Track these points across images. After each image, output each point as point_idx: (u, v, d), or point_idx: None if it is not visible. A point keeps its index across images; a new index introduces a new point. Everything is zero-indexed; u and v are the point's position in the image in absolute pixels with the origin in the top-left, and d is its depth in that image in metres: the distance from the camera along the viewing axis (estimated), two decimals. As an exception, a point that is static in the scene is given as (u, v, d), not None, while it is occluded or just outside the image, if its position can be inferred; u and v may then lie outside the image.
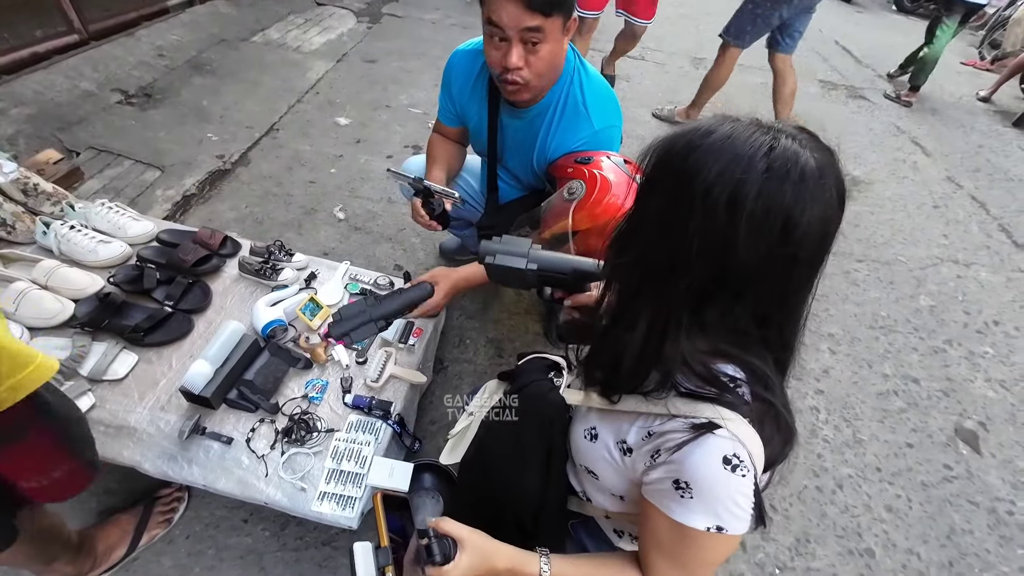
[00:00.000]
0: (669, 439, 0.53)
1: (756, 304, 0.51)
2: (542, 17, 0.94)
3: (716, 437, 0.50)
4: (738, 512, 0.51)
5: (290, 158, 2.26)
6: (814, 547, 1.26)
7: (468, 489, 0.87)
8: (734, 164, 0.46)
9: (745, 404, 0.52)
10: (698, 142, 0.49)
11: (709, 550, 0.55)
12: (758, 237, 0.46)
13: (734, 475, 0.50)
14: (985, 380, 1.76)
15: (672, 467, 0.52)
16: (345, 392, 1.14)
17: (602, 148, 1.12)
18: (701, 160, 0.47)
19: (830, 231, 0.49)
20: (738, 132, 0.48)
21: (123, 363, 1.10)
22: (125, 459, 0.99)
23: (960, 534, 1.33)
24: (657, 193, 0.53)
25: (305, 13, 3.63)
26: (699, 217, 0.47)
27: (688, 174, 0.48)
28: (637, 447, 0.58)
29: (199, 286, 1.28)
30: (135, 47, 2.72)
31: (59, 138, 2.04)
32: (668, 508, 0.54)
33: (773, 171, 0.45)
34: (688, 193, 0.48)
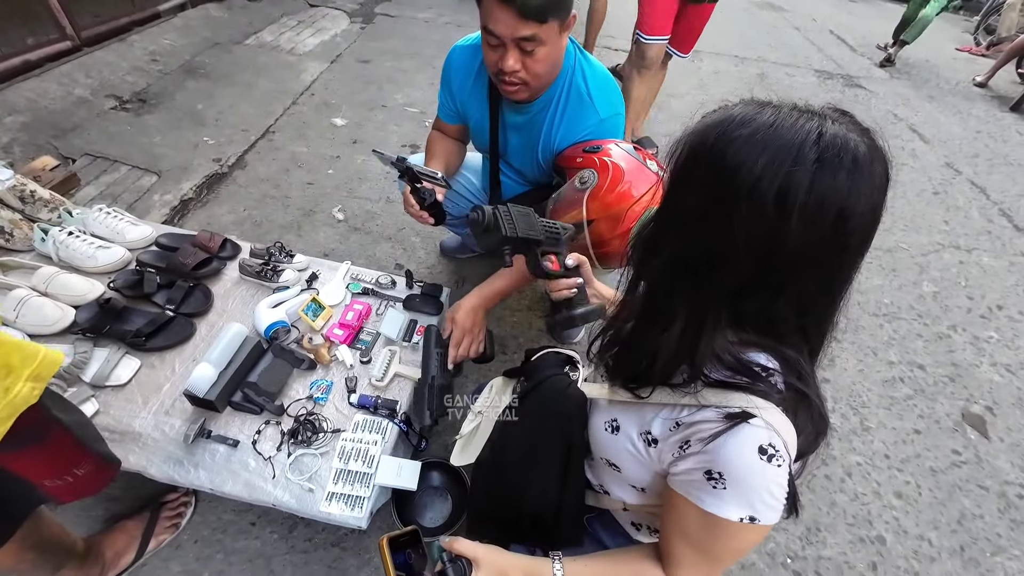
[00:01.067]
0: (700, 429, 0.52)
1: (800, 296, 0.49)
2: (536, 25, 0.93)
3: (751, 427, 0.49)
4: (772, 502, 0.50)
5: (287, 160, 2.25)
6: (825, 535, 1.25)
7: (484, 490, 0.86)
8: (783, 155, 0.43)
9: (778, 393, 0.51)
10: (736, 132, 0.46)
11: (739, 540, 0.54)
12: (810, 230, 0.44)
13: (770, 465, 0.48)
14: (991, 364, 1.76)
15: (704, 457, 0.51)
16: (350, 392, 1.14)
17: (607, 136, 1.12)
18: (743, 152, 0.45)
19: (878, 216, 0.47)
20: (782, 119, 0.45)
21: (126, 368, 1.09)
22: (131, 464, 0.98)
23: (971, 519, 1.32)
24: (693, 189, 0.50)
25: (298, 15, 3.62)
26: (744, 213, 0.45)
27: (729, 169, 0.45)
28: (663, 438, 0.57)
29: (200, 289, 1.27)
30: (128, 52, 2.71)
31: (54, 145, 2.03)
32: (699, 499, 0.52)
33: (825, 160, 0.43)
34: (731, 189, 0.45)
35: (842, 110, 0.48)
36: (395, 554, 0.63)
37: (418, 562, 0.64)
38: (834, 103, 0.50)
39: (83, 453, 0.74)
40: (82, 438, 0.73)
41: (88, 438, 0.76)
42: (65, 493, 0.74)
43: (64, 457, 0.72)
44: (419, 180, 1.09)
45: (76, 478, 0.73)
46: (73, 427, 0.71)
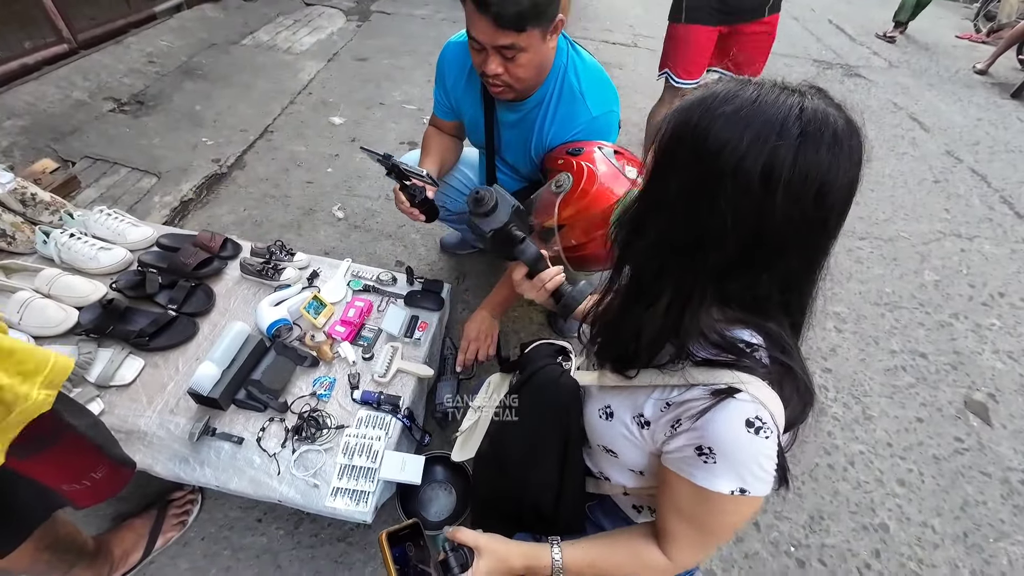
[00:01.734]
0: (690, 407, 0.53)
1: (784, 272, 0.51)
2: (515, 34, 0.92)
3: (737, 401, 0.50)
4: (761, 474, 0.51)
5: (286, 159, 2.25)
6: (828, 523, 1.26)
7: (485, 483, 0.87)
8: (767, 131, 0.44)
9: (763, 367, 0.52)
10: (719, 110, 0.46)
11: (731, 513, 0.55)
12: (793, 205, 0.45)
13: (757, 437, 0.50)
14: (993, 352, 1.76)
15: (695, 434, 0.52)
16: (353, 388, 1.14)
17: (600, 134, 1.11)
18: (728, 129, 0.45)
19: (854, 190, 0.48)
20: (764, 95, 0.45)
21: (130, 368, 1.10)
22: (137, 463, 0.99)
23: (974, 505, 1.33)
24: (677, 169, 0.50)
25: (294, 14, 3.61)
26: (730, 191, 0.45)
27: (714, 146, 0.45)
28: (655, 419, 0.58)
29: (202, 289, 1.28)
30: (125, 55, 2.70)
31: (54, 148, 2.03)
32: (691, 475, 0.53)
33: (808, 135, 0.44)
34: (716, 167, 0.45)
35: (817, 87, 0.49)
36: (394, 548, 0.64)
37: (418, 555, 0.65)
38: (832, 93, 0.50)
39: (99, 457, 0.74)
40: (97, 442, 0.74)
41: (103, 441, 0.76)
42: (83, 497, 0.74)
43: (81, 461, 0.72)
44: (407, 178, 1.08)
45: (94, 482, 0.73)
46: (87, 431, 0.72)
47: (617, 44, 3.87)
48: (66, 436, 0.67)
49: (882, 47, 4.40)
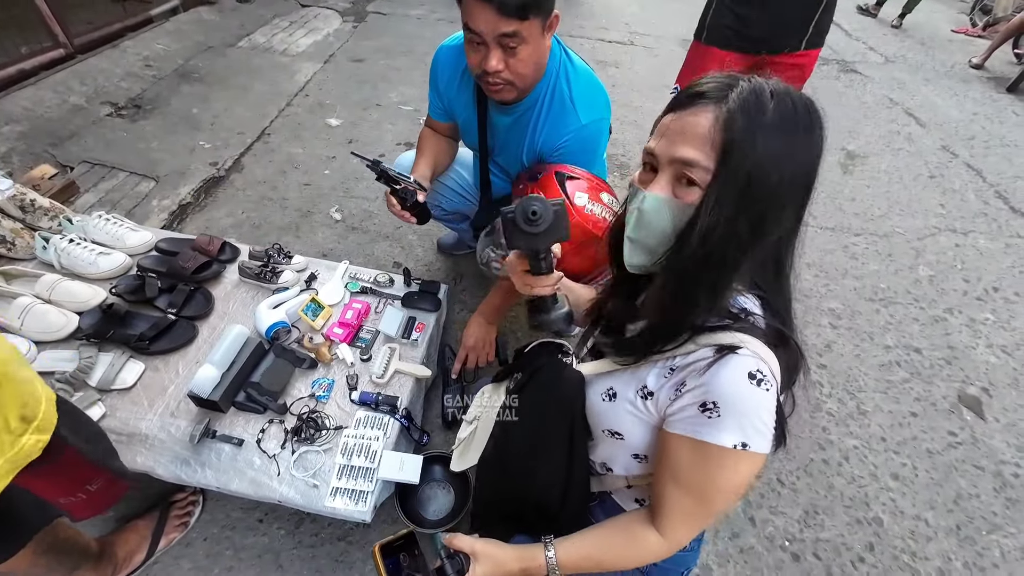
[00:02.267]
0: (694, 368, 0.56)
1: (782, 248, 0.58)
2: (518, 22, 0.92)
3: (739, 356, 0.53)
4: (762, 428, 0.53)
5: (283, 162, 2.26)
6: (823, 518, 1.27)
7: (489, 486, 0.87)
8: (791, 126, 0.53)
9: (759, 330, 0.56)
10: (759, 120, 0.52)
11: (731, 471, 0.56)
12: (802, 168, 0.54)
13: (759, 389, 0.52)
14: (987, 346, 1.77)
15: (700, 390, 0.54)
16: (351, 389, 1.16)
17: (589, 142, 1.11)
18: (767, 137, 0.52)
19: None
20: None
21: (131, 372, 1.11)
22: (139, 465, 1.01)
23: (967, 498, 1.34)
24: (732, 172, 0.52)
25: (290, 16, 3.61)
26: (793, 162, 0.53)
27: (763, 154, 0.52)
28: (659, 387, 0.60)
29: (201, 292, 1.29)
30: (121, 59, 2.71)
31: (52, 154, 2.04)
32: (695, 432, 0.55)
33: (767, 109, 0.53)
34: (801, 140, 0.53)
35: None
36: (388, 559, 0.66)
37: (412, 564, 0.67)
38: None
39: (95, 470, 0.75)
40: (94, 456, 0.74)
41: (101, 454, 0.76)
42: (79, 509, 0.75)
43: (76, 476, 0.73)
44: (396, 182, 1.10)
45: (89, 494, 0.74)
46: (85, 446, 0.72)
47: (613, 42, 3.87)
48: (63, 453, 0.67)
49: (878, 42, 4.40)
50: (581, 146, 1.11)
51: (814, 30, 1.50)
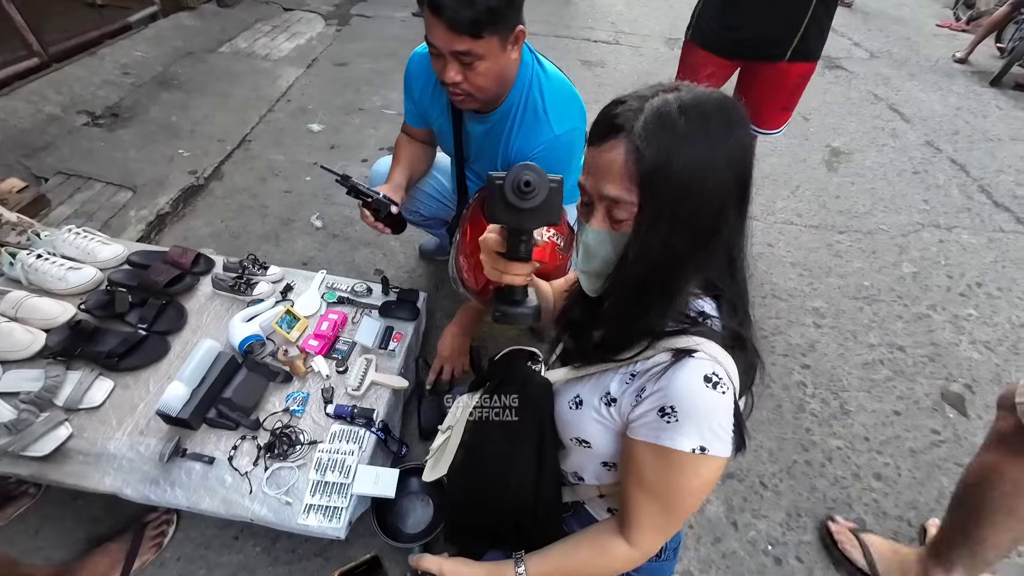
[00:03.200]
0: (653, 373, 0.56)
1: (729, 252, 0.58)
2: (470, 39, 0.90)
3: (695, 359, 0.53)
4: (720, 432, 0.53)
5: (264, 169, 2.23)
6: (805, 520, 1.27)
7: (461, 496, 0.85)
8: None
9: (715, 333, 0.56)
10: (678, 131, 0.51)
11: (693, 475, 0.56)
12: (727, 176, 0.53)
13: (715, 392, 0.52)
14: (970, 342, 1.77)
15: (657, 396, 0.55)
16: (327, 402, 1.14)
17: (563, 151, 1.10)
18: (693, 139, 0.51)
19: None
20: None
21: (99, 390, 1.09)
22: (107, 487, 0.99)
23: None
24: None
25: (272, 20, 3.58)
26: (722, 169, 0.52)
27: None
28: (621, 393, 0.60)
29: (173, 306, 1.27)
30: (98, 67, 2.67)
31: (25, 165, 2.01)
32: (655, 437, 0.55)
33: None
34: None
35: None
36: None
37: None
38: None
39: None
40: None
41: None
42: None
43: None
44: (367, 196, 1.10)
45: None
46: None
47: (599, 42, 3.86)
48: None
49: (863, 38, 4.41)
50: (555, 155, 1.09)
51: (799, 43, 1.44)
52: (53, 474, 0.99)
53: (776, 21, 1.43)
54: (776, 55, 1.48)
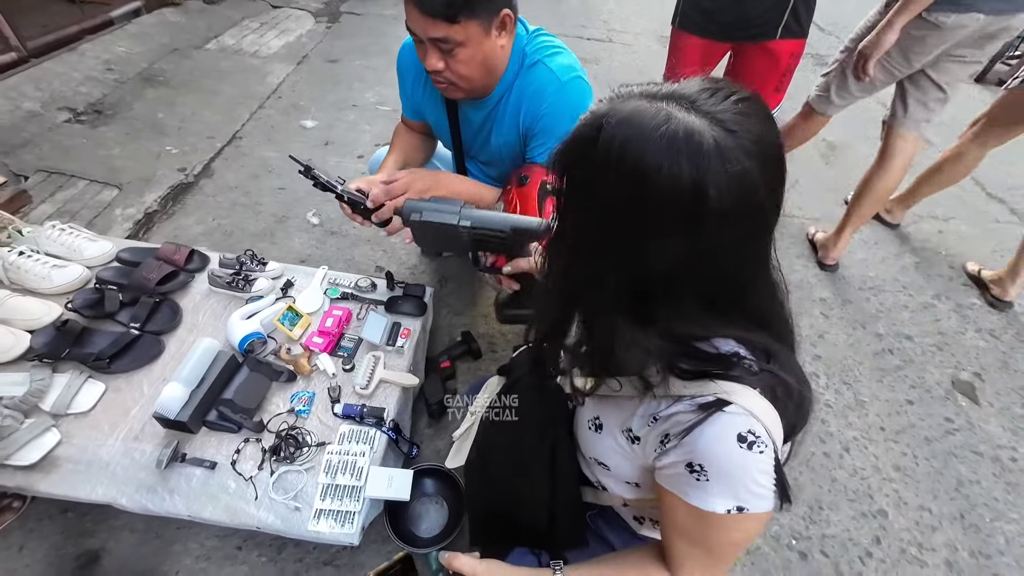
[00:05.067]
0: (677, 422, 0.49)
1: (697, 293, 0.47)
2: (446, 25, 0.85)
3: (727, 414, 0.46)
4: (759, 491, 0.47)
5: (256, 166, 2.16)
6: (827, 513, 1.24)
7: (476, 495, 0.82)
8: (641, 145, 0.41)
9: (753, 375, 0.48)
10: (593, 134, 0.44)
11: (733, 531, 0.51)
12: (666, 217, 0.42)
13: (751, 452, 0.46)
14: (976, 331, 1.77)
15: (684, 450, 0.49)
16: (334, 402, 1.08)
17: (573, 99, 1.02)
18: (602, 147, 0.43)
19: (747, 192, 0.42)
20: (641, 110, 0.42)
21: (89, 394, 1.02)
22: (100, 497, 0.92)
23: (968, 485, 1.33)
24: (568, 196, 0.49)
25: (260, 17, 3.50)
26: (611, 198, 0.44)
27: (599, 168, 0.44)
28: (644, 434, 0.55)
29: (167, 305, 1.20)
30: (80, 63, 2.57)
31: (4, 163, 1.90)
32: (684, 493, 0.50)
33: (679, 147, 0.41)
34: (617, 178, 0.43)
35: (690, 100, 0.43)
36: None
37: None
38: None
39: None
40: None
41: None
42: None
43: None
44: (331, 189, 0.98)
45: None
46: None
47: (592, 40, 3.85)
48: None
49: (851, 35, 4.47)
50: (566, 105, 1.02)
51: (790, 18, 1.46)
52: (40, 484, 0.91)
53: (763, 0, 1.42)
54: (767, 33, 1.48)
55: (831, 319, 1.77)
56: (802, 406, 0.50)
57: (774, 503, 0.48)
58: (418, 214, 0.82)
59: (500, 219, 0.77)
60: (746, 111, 0.43)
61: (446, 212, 0.81)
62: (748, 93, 0.44)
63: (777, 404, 0.48)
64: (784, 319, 0.53)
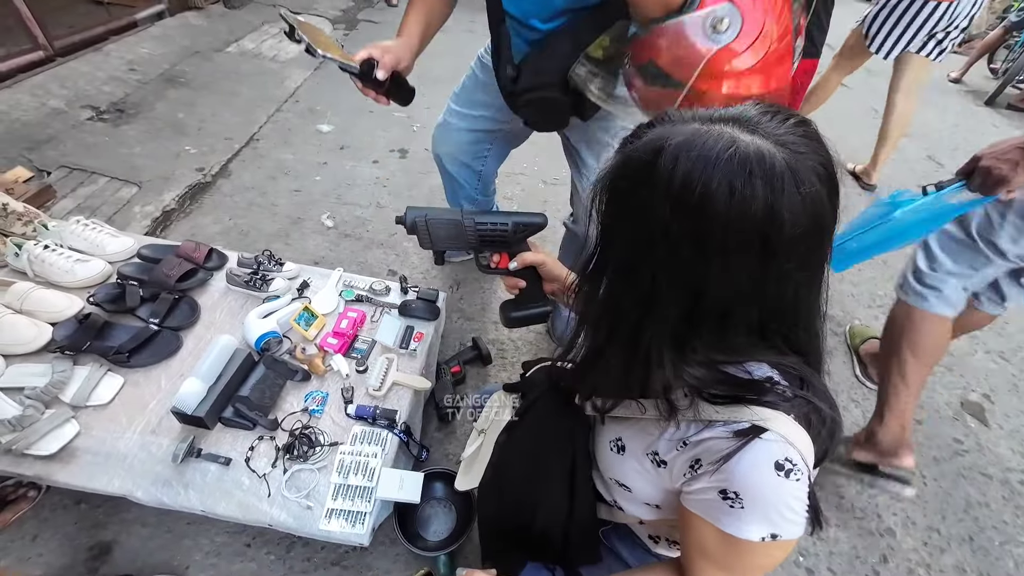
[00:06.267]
0: (710, 448, 0.49)
1: (748, 320, 0.47)
2: None
3: (764, 442, 0.45)
4: (793, 517, 0.47)
5: (273, 167, 2.20)
6: (835, 531, 1.24)
7: (491, 514, 0.81)
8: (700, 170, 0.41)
9: (787, 401, 0.47)
10: (650, 158, 0.43)
11: (762, 556, 0.51)
12: (734, 254, 0.42)
13: (788, 480, 0.45)
14: (985, 352, 1.77)
15: (719, 477, 0.48)
16: (347, 403, 1.09)
17: None
18: (663, 174, 0.42)
19: (820, 223, 0.43)
20: (702, 133, 0.42)
21: (108, 387, 1.04)
22: (116, 488, 0.93)
23: (977, 507, 1.32)
24: (616, 224, 0.49)
25: (279, 22, 3.56)
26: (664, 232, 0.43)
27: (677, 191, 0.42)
28: (672, 458, 0.54)
29: (186, 302, 1.22)
30: (104, 62, 2.63)
31: (28, 158, 1.95)
32: (716, 519, 0.49)
33: (750, 172, 0.40)
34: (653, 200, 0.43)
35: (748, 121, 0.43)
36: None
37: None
38: None
39: None
40: None
41: None
42: None
43: None
44: (312, 52, 0.86)
45: None
46: None
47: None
48: None
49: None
50: None
51: (806, 41, 1.48)
52: (58, 474, 0.93)
53: None
54: None
55: (840, 336, 1.77)
56: (834, 433, 0.50)
57: (805, 528, 0.48)
58: (423, 216, 0.80)
59: (502, 216, 0.78)
60: (807, 134, 0.43)
61: (450, 214, 0.81)
62: (803, 116, 0.44)
63: (810, 431, 0.47)
64: (818, 344, 0.53)
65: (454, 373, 1.38)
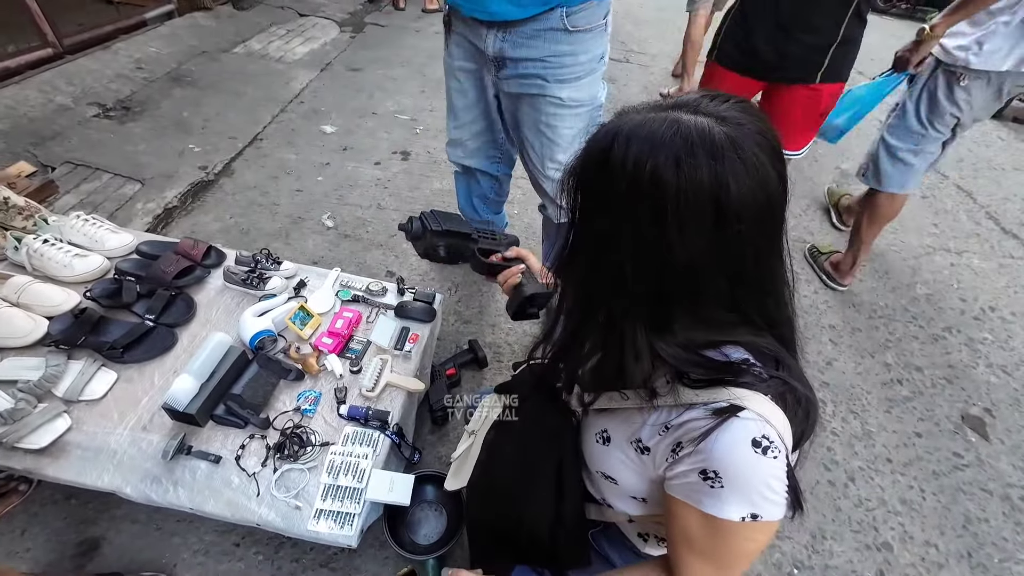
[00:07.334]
0: (690, 429, 0.50)
1: (718, 291, 0.49)
2: None
3: (741, 420, 0.47)
4: (772, 496, 0.47)
5: (275, 167, 2.21)
6: (831, 544, 1.22)
7: (479, 515, 0.82)
8: (649, 151, 0.45)
9: (763, 382, 0.49)
10: (605, 146, 0.47)
11: (745, 540, 0.51)
12: (691, 225, 0.45)
13: (765, 458, 0.46)
14: (987, 366, 1.75)
15: (698, 457, 0.49)
16: (340, 403, 1.09)
17: None
18: (617, 158, 0.46)
19: (761, 200, 0.45)
20: (649, 120, 0.46)
21: (101, 382, 1.04)
22: (105, 484, 0.92)
23: (976, 523, 1.30)
24: (584, 210, 0.52)
25: (287, 24, 3.60)
26: (624, 218, 0.47)
27: (606, 175, 0.47)
28: (655, 444, 0.55)
29: (182, 298, 1.22)
30: (112, 60, 2.66)
31: (33, 153, 1.97)
32: (698, 501, 0.50)
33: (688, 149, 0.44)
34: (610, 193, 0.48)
35: (694, 104, 0.47)
36: None
37: None
38: None
39: None
40: None
41: None
42: None
43: None
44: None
45: None
46: None
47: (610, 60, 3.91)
48: None
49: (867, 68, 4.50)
50: None
51: (829, 66, 1.46)
52: (49, 469, 0.93)
53: (802, 47, 1.44)
54: (807, 78, 1.49)
55: (840, 346, 1.76)
56: (810, 413, 0.51)
57: (786, 510, 0.48)
58: (437, 223, 0.89)
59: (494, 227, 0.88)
60: (746, 109, 0.47)
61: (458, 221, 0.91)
62: (741, 98, 0.48)
63: (787, 410, 0.49)
64: (791, 319, 0.55)
65: (449, 376, 1.37)
